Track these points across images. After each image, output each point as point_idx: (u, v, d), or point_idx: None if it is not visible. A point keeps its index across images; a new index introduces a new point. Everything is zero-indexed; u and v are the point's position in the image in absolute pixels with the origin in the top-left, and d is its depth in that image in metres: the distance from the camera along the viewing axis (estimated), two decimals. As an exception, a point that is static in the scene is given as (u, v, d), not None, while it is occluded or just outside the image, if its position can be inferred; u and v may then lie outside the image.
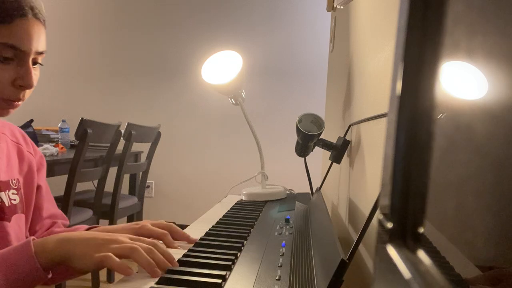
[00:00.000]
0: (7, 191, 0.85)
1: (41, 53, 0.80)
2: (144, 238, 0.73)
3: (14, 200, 0.86)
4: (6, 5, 0.74)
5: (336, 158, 1.19)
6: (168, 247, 0.83)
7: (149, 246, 0.70)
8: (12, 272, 0.65)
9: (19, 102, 0.80)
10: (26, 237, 0.91)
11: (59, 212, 1.03)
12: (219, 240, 0.87)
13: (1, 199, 0.83)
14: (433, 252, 0.24)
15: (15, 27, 0.75)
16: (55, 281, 0.81)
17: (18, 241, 0.84)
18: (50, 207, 0.99)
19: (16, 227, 0.86)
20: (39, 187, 0.96)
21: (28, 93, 0.81)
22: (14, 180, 0.88)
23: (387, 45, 0.76)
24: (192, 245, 0.84)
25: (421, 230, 0.25)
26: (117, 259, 0.66)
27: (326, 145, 1.26)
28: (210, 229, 0.98)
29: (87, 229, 0.92)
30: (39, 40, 0.79)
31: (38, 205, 0.96)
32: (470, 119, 0.22)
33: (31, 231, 0.95)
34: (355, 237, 0.58)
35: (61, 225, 1.00)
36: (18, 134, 0.96)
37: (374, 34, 0.95)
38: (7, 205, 0.84)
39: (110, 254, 0.67)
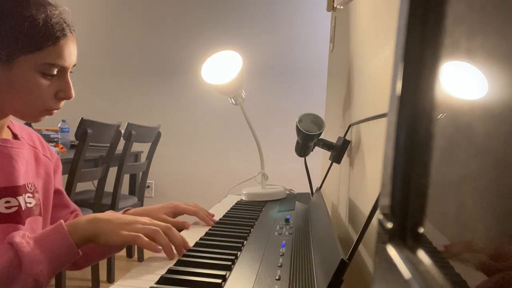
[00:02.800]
0: (24, 194, 0.87)
1: (74, 64, 0.87)
2: (160, 222, 0.83)
3: (30, 203, 0.89)
4: (53, 28, 0.80)
5: (336, 158, 1.18)
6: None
7: (168, 225, 0.81)
8: (51, 251, 0.73)
9: (56, 110, 0.88)
10: None
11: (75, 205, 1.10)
12: (219, 240, 0.87)
13: (19, 202, 0.85)
14: (433, 252, 0.24)
15: (60, 47, 0.81)
16: (88, 262, 0.95)
17: None
18: (71, 203, 1.07)
19: (30, 230, 0.88)
20: (58, 188, 1.03)
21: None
22: (30, 184, 0.90)
23: (387, 45, 0.76)
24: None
25: (421, 230, 0.25)
26: (146, 239, 0.77)
27: (326, 145, 1.26)
28: (210, 229, 0.98)
29: (124, 211, 1.03)
30: (75, 54, 0.86)
31: (63, 203, 1.04)
32: (470, 119, 0.22)
33: None
34: (355, 237, 0.58)
35: (81, 214, 1.07)
36: (35, 137, 0.99)
37: (374, 34, 0.95)
38: (23, 208, 0.86)
39: (140, 234, 0.77)
